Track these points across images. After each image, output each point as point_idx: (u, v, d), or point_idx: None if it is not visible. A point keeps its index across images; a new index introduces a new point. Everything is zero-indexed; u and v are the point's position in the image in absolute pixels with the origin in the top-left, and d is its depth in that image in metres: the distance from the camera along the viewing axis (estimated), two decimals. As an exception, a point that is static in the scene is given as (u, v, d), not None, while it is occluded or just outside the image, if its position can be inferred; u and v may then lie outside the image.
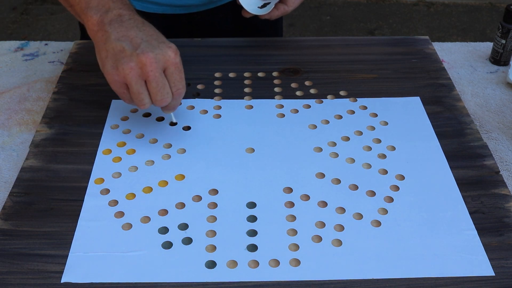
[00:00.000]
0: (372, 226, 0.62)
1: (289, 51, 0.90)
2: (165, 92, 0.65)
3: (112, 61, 0.64)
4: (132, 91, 0.64)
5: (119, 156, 0.70)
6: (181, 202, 0.64)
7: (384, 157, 0.71)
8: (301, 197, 0.65)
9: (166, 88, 0.65)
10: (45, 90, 0.85)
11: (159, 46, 0.64)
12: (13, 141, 0.75)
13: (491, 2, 2.74)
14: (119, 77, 0.64)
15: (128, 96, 0.66)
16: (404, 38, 0.95)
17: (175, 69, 0.65)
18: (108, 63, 0.64)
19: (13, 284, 0.55)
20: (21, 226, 0.61)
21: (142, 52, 0.63)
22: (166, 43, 0.65)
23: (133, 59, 0.63)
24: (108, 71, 0.64)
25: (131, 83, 0.64)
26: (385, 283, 0.56)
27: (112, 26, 0.65)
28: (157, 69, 0.63)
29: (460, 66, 0.91)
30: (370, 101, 0.80)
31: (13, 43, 0.95)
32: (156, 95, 0.65)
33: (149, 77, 0.63)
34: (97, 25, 0.66)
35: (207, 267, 0.57)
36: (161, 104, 0.66)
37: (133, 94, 0.65)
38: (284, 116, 0.77)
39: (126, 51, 0.63)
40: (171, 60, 0.64)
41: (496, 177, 0.68)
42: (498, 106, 0.83)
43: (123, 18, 0.65)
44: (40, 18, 2.58)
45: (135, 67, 0.63)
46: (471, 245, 0.60)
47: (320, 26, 2.57)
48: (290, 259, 0.58)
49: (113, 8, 0.66)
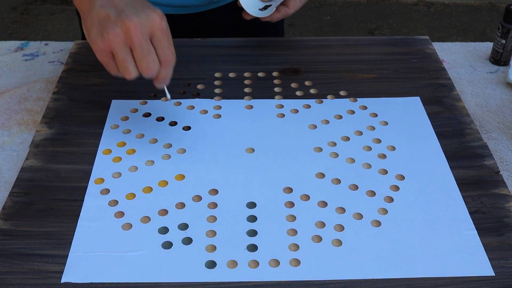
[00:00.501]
0: (372, 226, 0.62)
1: (289, 51, 0.90)
2: (151, 60, 0.62)
3: (97, 29, 0.62)
4: (117, 58, 0.62)
5: (119, 156, 0.70)
6: (181, 202, 0.64)
7: (384, 157, 0.71)
8: (301, 197, 0.65)
9: (152, 54, 0.62)
10: (45, 90, 0.85)
11: (144, 11, 0.62)
12: (13, 141, 0.75)
13: (491, 2, 2.74)
14: (104, 45, 0.62)
15: (114, 66, 0.63)
16: (404, 38, 0.95)
17: (162, 34, 0.63)
18: (93, 31, 0.62)
19: (13, 284, 0.55)
20: (21, 226, 0.61)
21: (127, 17, 0.61)
22: (151, 8, 0.63)
23: (118, 25, 0.61)
24: (93, 39, 0.62)
25: (116, 50, 0.61)
26: (385, 283, 0.56)
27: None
28: (142, 34, 0.61)
29: (460, 66, 0.91)
30: (370, 101, 0.80)
31: (13, 43, 0.95)
32: (142, 62, 0.62)
33: (134, 42, 0.61)
34: None
35: (207, 267, 0.57)
36: (147, 72, 0.63)
37: (119, 62, 0.62)
38: (284, 116, 0.77)
39: (111, 17, 0.61)
40: (157, 24, 0.62)
41: (496, 177, 0.68)
42: (498, 106, 0.83)
43: None
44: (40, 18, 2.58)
45: (120, 33, 0.61)
46: (471, 245, 0.60)
47: (320, 26, 2.57)
48: (290, 259, 0.58)
49: None
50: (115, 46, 0.61)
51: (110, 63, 0.63)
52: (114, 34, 0.61)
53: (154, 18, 0.62)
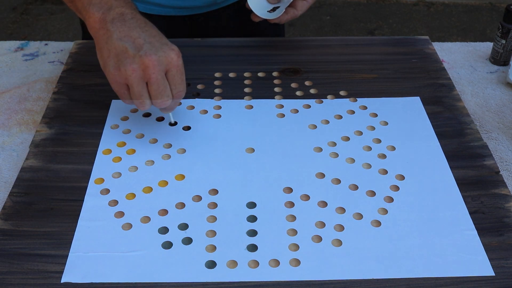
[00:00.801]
0: (372, 226, 0.62)
1: (289, 51, 0.90)
2: (166, 95, 0.65)
3: (114, 61, 0.64)
4: (133, 92, 0.64)
5: (119, 156, 0.70)
6: (181, 202, 0.64)
7: (384, 157, 0.71)
8: (301, 197, 0.65)
9: (167, 90, 0.65)
10: (45, 90, 0.85)
11: (162, 48, 0.64)
12: (13, 141, 0.75)
13: (491, 2, 2.74)
14: (121, 78, 0.64)
15: (128, 96, 0.66)
16: (404, 38, 0.95)
17: (177, 71, 0.65)
18: (110, 63, 0.64)
19: (13, 284, 0.55)
20: (21, 226, 0.61)
21: (145, 54, 0.62)
22: (169, 45, 0.65)
23: (136, 61, 0.62)
24: (109, 71, 0.64)
25: (133, 85, 0.63)
26: (385, 283, 0.56)
27: (114, 25, 0.64)
28: (159, 71, 0.63)
29: (460, 66, 0.91)
30: (370, 101, 0.80)
31: (13, 43, 0.95)
32: (157, 97, 0.65)
33: (151, 79, 0.63)
34: (99, 22, 0.65)
35: (207, 267, 0.57)
36: (160, 105, 0.66)
37: (134, 95, 0.65)
38: (284, 116, 0.77)
39: (129, 52, 0.63)
40: (174, 62, 0.64)
41: (496, 177, 0.68)
42: (498, 106, 0.83)
43: (125, 17, 0.65)
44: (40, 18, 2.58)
45: (138, 69, 0.63)
46: (471, 245, 0.60)
47: (320, 26, 2.57)
48: (290, 259, 0.58)
49: (115, 6, 0.66)
50: (131, 81, 0.63)
51: (125, 94, 0.66)
52: (132, 70, 0.63)
53: (172, 56, 0.64)
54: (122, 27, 0.64)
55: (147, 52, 0.63)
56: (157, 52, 0.63)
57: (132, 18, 0.65)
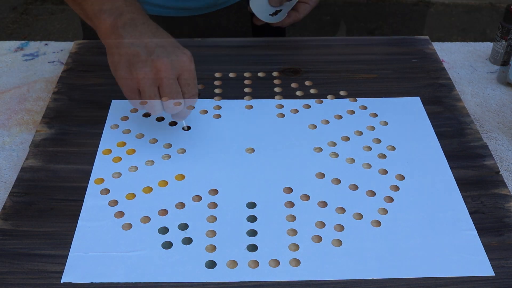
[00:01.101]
0: (372, 226, 0.62)
1: (289, 51, 0.90)
2: (177, 98, 0.64)
3: (126, 65, 0.63)
4: (144, 96, 0.63)
5: (119, 156, 0.70)
6: (181, 202, 0.64)
7: (384, 157, 0.71)
8: (301, 197, 0.65)
9: (179, 95, 0.64)
10: (45, 90, 0.85)
11: (174, 52, 0.63)
12: (13, 141, 0.75)
13: (491, 2, 2.74)
14: (132, 82, 0.63)
15: (139, 101, 0.65)
16: (404, 38, 0.95)
17: (189, 75, 0.64)
18: (121, 68, 0.63)
19: (13, 284, 0.55)
20: (21, 226, 0.61)
21: (157, 58, 0.62)
22: (181, 49, 0.64)
23: (148, 64, 0.62)
24: (121, 75, 0.64)
25: (144, 88, 0.63)
26: (385, 283, 0.56)
27: (125, 30, 0.64)
28: (171, 75, 0.62)
29: (460, 66, 0.91)
30: (370, 101, 0.80)
31: (13, 43, 0.95)
32: (168, 102, 0.64)
33: (163, 83, 0.62)
34: (110, 28, 0.65)
35: (207, 267, 0.57)
36: (172, 111, 0.65)
37: (145, 99, 0.64)
38: (284, 116, 0.77)
39: (141, 55, 0.62)
40: (186, 66, 0.64)
41: (496, 177, 0.68)
42: (498, 106, 0.83)
43: (136, 22, 0.65)
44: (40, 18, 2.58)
45: (150, 73, 0.62)
46: (471, 245, 0.60)
47: (320, 26, 2.57)
48: (290, 259, 0.58)
49: (126, 12, 0.65)
50: (143, 84, 0.62)
51: (136, 99, 0.65)
52: (144, 73, 0.62)
53: (184, 60, 0.63)
54: (134, 32, 0.64)
55: (159, 55, 0.62)
56: (169, 56, 0.62)
57: (143, 23, 0.65)
